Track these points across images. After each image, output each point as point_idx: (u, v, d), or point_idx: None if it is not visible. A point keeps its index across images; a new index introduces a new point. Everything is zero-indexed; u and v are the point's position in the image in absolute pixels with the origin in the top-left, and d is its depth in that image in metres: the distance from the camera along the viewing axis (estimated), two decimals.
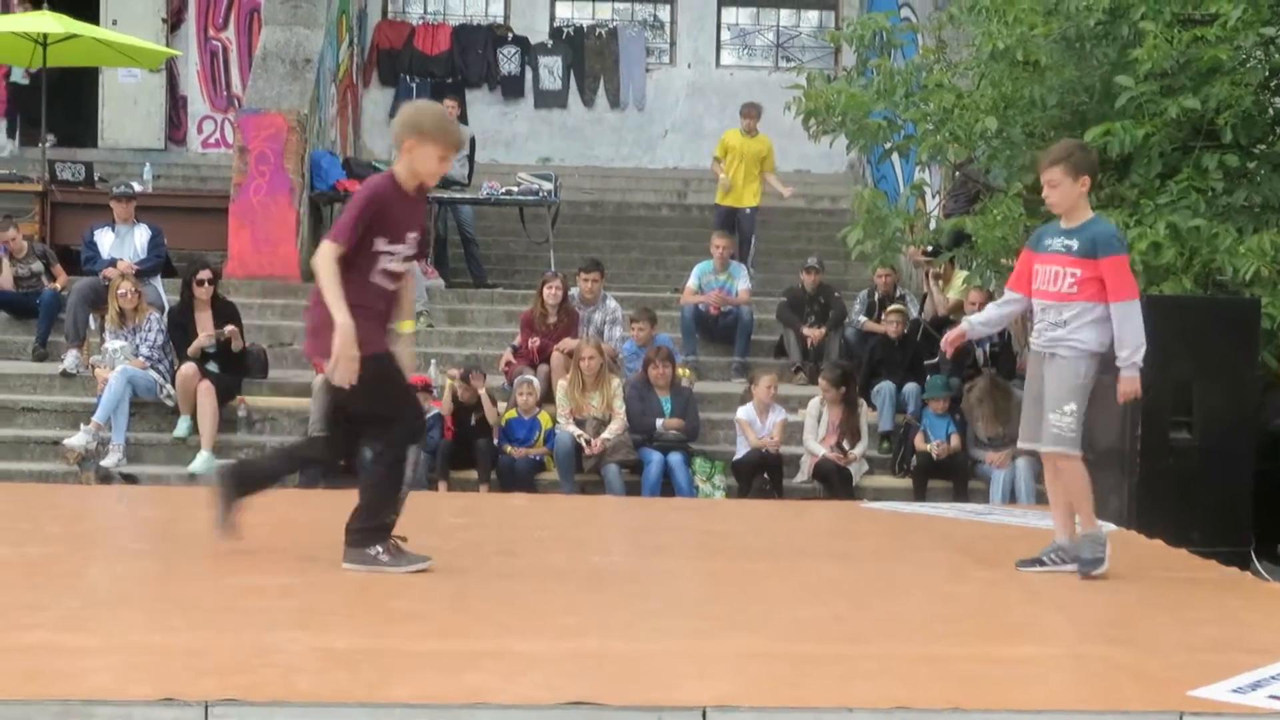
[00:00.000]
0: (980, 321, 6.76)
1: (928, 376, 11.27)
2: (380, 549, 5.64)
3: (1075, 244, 6.15)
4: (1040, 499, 10.23)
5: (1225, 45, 8.14)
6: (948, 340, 6.89)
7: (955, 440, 10.67)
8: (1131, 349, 6.08)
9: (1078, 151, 6.27)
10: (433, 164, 5.67)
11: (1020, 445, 6.56)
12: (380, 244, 5.58)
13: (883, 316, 12.05)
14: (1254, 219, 8.40)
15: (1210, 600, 5.81)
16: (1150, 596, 5.90)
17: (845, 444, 10.62)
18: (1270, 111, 8.98)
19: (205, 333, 10.92)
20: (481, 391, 10.54)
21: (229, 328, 11.01)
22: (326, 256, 5.47)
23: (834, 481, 10.43)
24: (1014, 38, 8.98)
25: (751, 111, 14.52)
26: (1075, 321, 6.12)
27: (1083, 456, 6.21)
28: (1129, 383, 6.14)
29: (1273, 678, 4.43)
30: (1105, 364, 6.21)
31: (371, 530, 5.66)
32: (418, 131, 5.61)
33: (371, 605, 5.14)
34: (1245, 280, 7.94)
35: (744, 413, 10.82)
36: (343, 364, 5.42)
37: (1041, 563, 6.28)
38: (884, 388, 11.33)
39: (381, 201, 5.59)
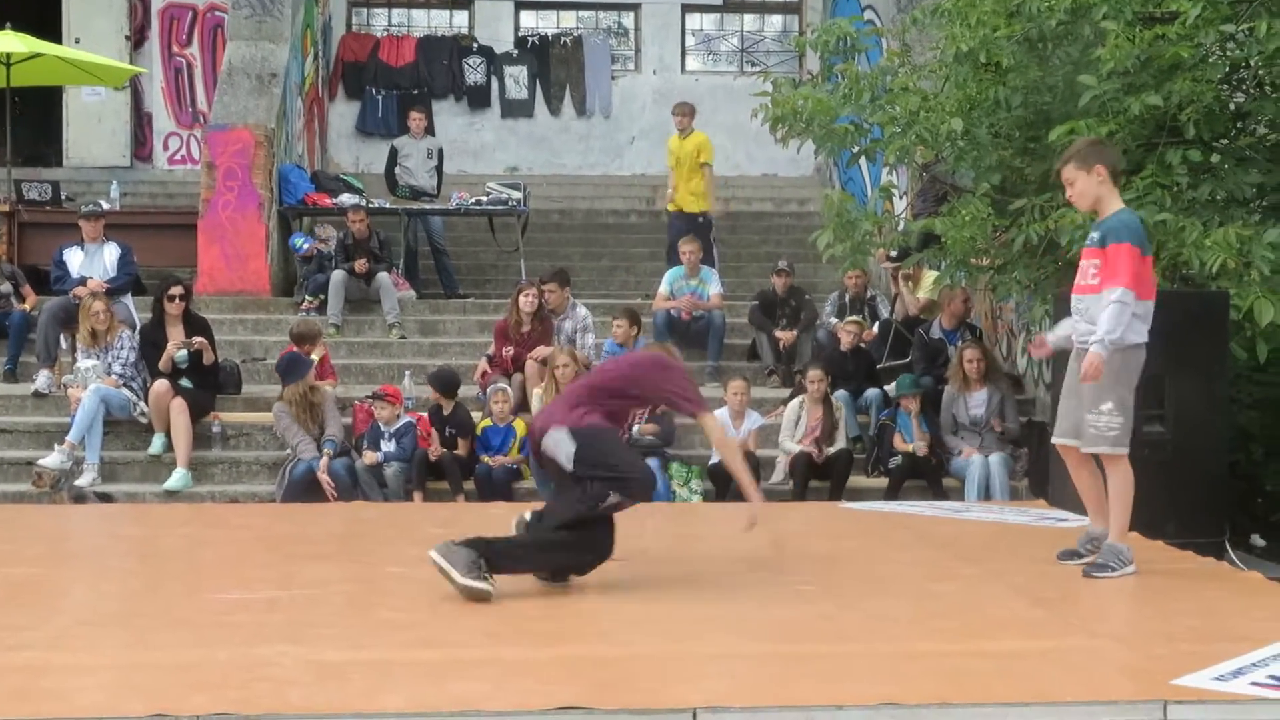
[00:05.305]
0: (1062, 334, 6.63)
1: (898, 377, 11.32)
2: None
3: (1096, 235, 6.21)
4: (1014, 495, 10.34)
5: (1186, 43, 8.22)
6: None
7: (928, 439, 10.72)
8: (1102, 331, 6.04)
9: (1085, 146, 6.29)
10: None
11: (1054, 440, 6.51)
12: None
13: (839, 326, 12.04)
14: (1219, 212, 8.47)
15: (1189, 591, 5.88)
16: (1130, 589, 5.97)
17: (821, 444, 10.66)
18: (1231, 107, 9.07)
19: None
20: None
21: (197, 339, 10.97)
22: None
23: (811, 478, 10.49)
24: (977, 40, 9.05)
25: (682, 109, 14.23)
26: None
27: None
28: (1090, 361, 6.06)
29: (1253, 665, 4.50)
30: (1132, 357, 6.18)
31: None
32: None
33: (358, 616, 5.16)
34: (1212, 273, 8.01)
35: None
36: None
37: (1079, 554, 6.31)
38: (840, 396, 11.36)
39: None
